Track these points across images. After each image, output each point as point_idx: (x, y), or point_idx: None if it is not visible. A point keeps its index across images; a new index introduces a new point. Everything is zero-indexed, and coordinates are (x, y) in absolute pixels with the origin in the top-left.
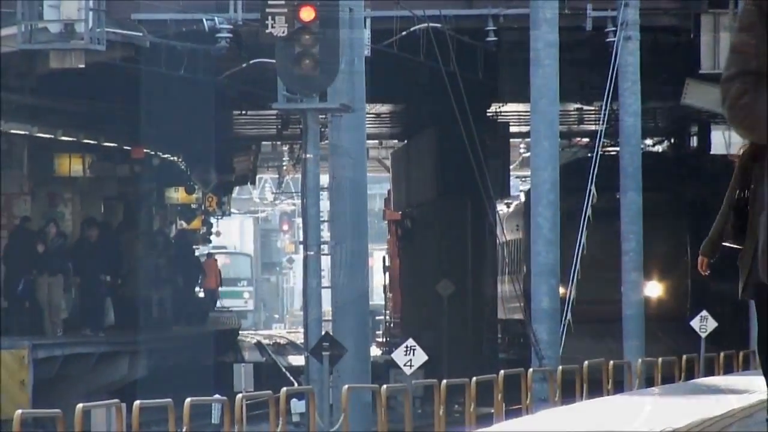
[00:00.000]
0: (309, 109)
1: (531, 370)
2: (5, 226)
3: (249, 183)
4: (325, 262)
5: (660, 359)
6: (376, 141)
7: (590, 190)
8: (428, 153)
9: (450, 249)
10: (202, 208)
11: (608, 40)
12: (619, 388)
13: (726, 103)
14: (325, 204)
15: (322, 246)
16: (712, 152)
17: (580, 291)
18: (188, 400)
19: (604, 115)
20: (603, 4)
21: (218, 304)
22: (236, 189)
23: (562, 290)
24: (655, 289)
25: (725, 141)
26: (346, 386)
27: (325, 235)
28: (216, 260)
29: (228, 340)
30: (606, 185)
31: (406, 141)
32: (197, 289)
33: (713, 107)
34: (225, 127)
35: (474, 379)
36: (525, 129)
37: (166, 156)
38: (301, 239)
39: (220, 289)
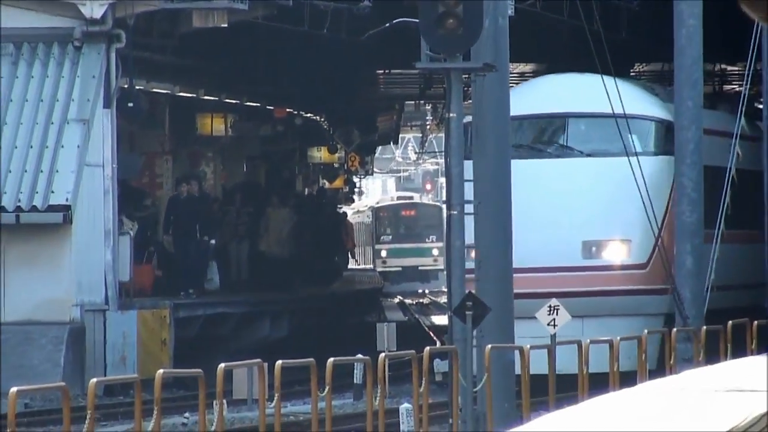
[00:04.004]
0: (452, 68)
1: (675, 330)
2: (147, 186)
3: (392, 142)
4: (468, 221)
5: None
6: None
7: (734, 147)
8: None
9: None
10: (345, 167)
11: None
12: (763, 347)
13: None
14: (468, 163)
15: (465, 205)
16: None
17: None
18: (331, 359)
19: (748, 75)
20: None
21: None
22: (379, 148)
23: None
24: None
25: None
26: (490, 346)
27: (468, 194)
28: (350, 220)
29: (371, 299)
30: None
31: None
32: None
33: None
34: (368, 87)
35: (618, 338)
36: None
37: (308, 115)
38: (444, 198)
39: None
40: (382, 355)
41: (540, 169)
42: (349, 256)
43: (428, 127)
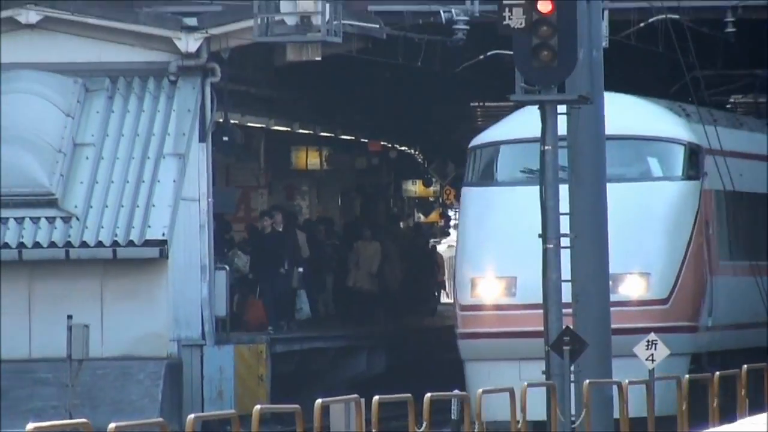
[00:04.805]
0: (547, 100)
1: None
2: (243, 219)
3: None
4: (565, 255)
5: None
6: None
7: None
8: None
9: None
10: (440, 200)
11: None
12: None
13: None
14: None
15: (561, 238)
16: None
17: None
18: (428, 395)
19: None
20: None
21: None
22: None
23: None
24: None
25: None
26: (588, 381)
27: (564, 227)
28: (441, 254)
29: None
30: None
31: None
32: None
33: None
34: (463, 119)
35: (717, 374)
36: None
37: (403, 148)
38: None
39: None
40: (479, 390)
41: None
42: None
43: None
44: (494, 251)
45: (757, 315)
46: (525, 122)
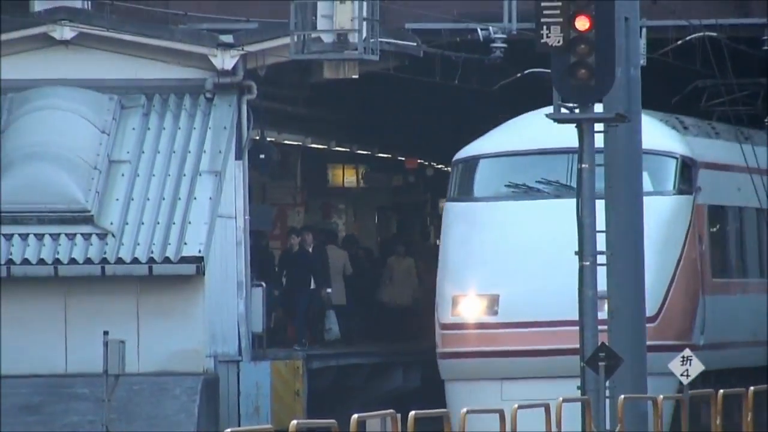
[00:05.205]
0: (584, 119)
1: None
2: (279, 237)
3: None
4: (601, 272)
5: None
6: None
7: None
8: None
9: None
10: None
11: None
12: None
13: None
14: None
15: (597, 256)
16: None
17: None
18: (464, 410)
19: None
20: None
21: None
22: None
23: None
24: None
25: None
26: (623, 396)
27: (601, 245)
28: None
29: None
30: None
31: None
32: None
33: None
34: None
35: (751, 389)
36: None
37: (439, 166)
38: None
39: None
40: (515, 405)
41: (538, 211)
42: None
43: None
44: (476, 268)
45: (755, 334)
46: (508, 136)
